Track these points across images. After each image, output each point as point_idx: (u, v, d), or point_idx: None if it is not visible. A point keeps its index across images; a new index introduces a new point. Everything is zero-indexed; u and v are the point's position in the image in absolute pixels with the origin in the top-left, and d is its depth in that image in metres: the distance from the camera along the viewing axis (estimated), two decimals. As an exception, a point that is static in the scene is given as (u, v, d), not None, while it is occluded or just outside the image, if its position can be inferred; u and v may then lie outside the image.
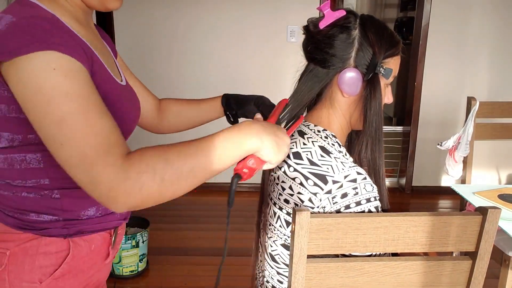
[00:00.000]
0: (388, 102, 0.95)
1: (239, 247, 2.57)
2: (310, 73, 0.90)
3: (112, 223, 0.83)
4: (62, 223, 0.75)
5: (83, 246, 0.78)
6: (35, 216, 0.73)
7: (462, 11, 3.11)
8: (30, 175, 0.72)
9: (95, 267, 0.82)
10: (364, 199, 0.84)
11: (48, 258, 0.74)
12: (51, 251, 0.75)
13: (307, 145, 0.89)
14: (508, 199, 1.41)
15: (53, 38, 0.62)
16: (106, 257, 0.84)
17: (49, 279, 0.75)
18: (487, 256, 0.81)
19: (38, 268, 0.74)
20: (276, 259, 0.96)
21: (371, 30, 0.87)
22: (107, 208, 0.63)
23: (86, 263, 0.79)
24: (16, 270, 0.73)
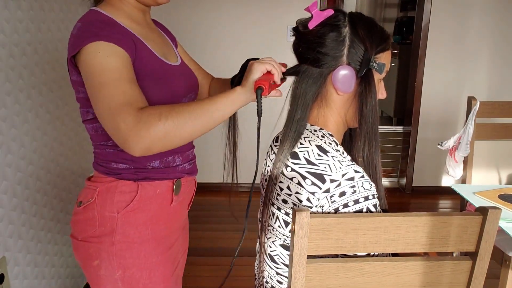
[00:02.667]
0: (381, 98, 0.95)
1: (240, 247, 2.57)
2: (304, 74, 0.90)
3: (174, 174, 1.04)
4: (133, 170, 0.99)
5: (149, 189, 1.00)
6: (114, 165, 0.99)
7: (462, 10, 3.11)
8: (109, 137, 0.95)
9: (162, 209, 1.03)
10: (362, 197, 0.83)
11: (123, 196, 0.98)
12: (125, 190, 0.98)
13: (304, 145, 0.89)
14: (508, 199, 1.40)
15: (102, 32, 0.86)
16: (171, 201, 1.05)
17: (124, 211, 0.98)
18: (488, 256, 0.81)
19: (116, 203, 0.98)
20: (275, 260, 0.96)
21: (361, 26, 0.87)
22: (128, 151, 0.80)
23: (153, 203, 1.01)
24: (101, 202, 0.98)
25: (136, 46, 0.92)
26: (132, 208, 0.98)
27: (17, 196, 1.53)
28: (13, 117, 1.51)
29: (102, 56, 0.84)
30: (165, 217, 1.04)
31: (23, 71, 1.58)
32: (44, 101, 1.72)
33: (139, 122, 0.77)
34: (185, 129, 0.80)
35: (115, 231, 0.97)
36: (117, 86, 0.82)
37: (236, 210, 3.08)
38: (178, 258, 1.15)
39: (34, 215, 1.64)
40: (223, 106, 0.84)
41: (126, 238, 0.98)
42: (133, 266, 0.99)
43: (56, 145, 1.81)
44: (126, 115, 0.78)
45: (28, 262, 1.61)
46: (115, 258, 0.98)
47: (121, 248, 0.98)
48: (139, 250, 0.99)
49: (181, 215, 1.12)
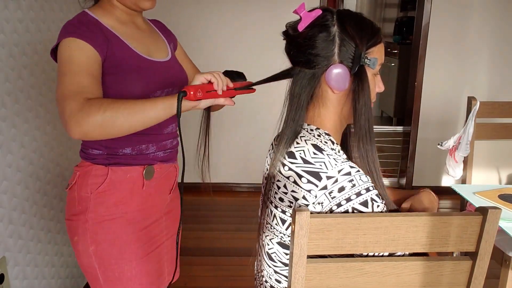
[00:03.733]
0: (379, 91, 0.96)
1: (239, 247, 2.57)
2: (297, 76, 0.91)
3: (144, 161, 1.13)
4: (105, 156, 1.10)
5: (119, 173, 1.10)
6: (91, 151, 1.11)
7: (462, 10, 3.11)
8: None
9: (133, 192, 1.12)
10: (363, 189, 0.83)
11: (96, 178, 1.09)
12: (98, 174, 1.09)
13: (300, 144, 0.90)
14: (508, 199, 1.40)
15: (78, 31, 0.99)
16: (142, 186, 1.13)
17: (95, 192, 1.09)
18: (488, 257, 0.81)
19: (90, 184, 1.09)
20: (273, 258, 0.96)
21: (349, 23, 0.87)
22: (68, 134, 0.89)
23: (123, 186, 1.11)
24: (80, 184, 1.11)
25: (111, 43, 1.03)
26: (103, 189, 1.09)
27: (17, 196, 1.53)
28: (13, 117, 1.51)
29: (70, 49, 0.96)
30: (137, 200, 1.13)
31: (23, 71, 1.58)
32: (44, 101, 1.72)
33: (81, 110, 0.87)
34: (120, 123, 0.89)
35: (88, 209, 1.08)
36: (74, 76, 0.93)
37: (235, 210, 3.08)
38: (160, 240, 1.21)
39: (34, 215, 1.64)
40: (160, 108, 0.91)
41: (97, 216, 1.09)
42: (104, 241, 1.09)
43: (56, 144, 1.81)
44: (72, 101, 0.88)
45: (28, 262, 1.61)
46: (88, 233, 1.08)
47: (93, 223, 1.08)
48: (108, 226, 1.09)
49: (160, 199, 1.19)
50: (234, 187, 3.34)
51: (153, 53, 1.13)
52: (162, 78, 1.12)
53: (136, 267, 1.12)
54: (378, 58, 0.90)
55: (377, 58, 0.89)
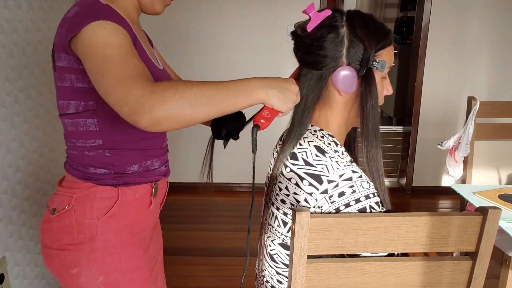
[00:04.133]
0: (388, 94, 0.94)
1: (239, 247, 2.57)
2: (305, 77, 0.90)
3: (152, 177, 1.03)
4: (113, 175, 0.96)
5: (129, 194, 0.98)
6: (93, 170, 0.95)
7: (462, 10, 3.11)
8: (88, 136, 0.93)
9: (141, 212, 1.02)
10: (363, 196, 0.83)
11: (103, 202, 0.95)
12: (105, 196, 0.95)
13: (303, 146, 0.89)
14: (508, 199, 1.40)
15: (106, 13, 0.84)
16: (149, 204, 1.04)
17: (104, 217, 0.95)
18: (488, 257, 0.81)
19: (96, 209, 0.95)
20: (274, 259, 0.96)
21: (358, 25, 0.86)
22: (135, 123, 0.74)
23: (133, 208, 0.99)
24: (80, 209, 0.95)
25: (135, 41, 0.90)
26: (112, 213, 0.96)
27: (17, 196, 1.53)
28: (13, 117, 1.51)
29: (107, 32, 0.81)
30: (142, 220, 1.04)
31: (23, 71, 1.58)
32: (44, 101, 1.72)
33: (154, 93, 0.72)
34: (198, 110, 0.76)
35: (95, 238, 0.95)
36: (125, 59, 0.78)
37: (235, 210, 3.08)
38: (155, 257, 1.15)
39: (34, 215, 1.64)
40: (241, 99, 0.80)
41: (107, 244, 0.96)
42: (115, 271, 0.98)
43: (56, 144, 1.81)
44: (139, 84, 0.74)
45: (28, 262, 1.61)
46: (96, 265, 0.96)
47: (102, 254, 0.96)
48: (120, 254, 0.98)
49: (155, 216, 1.12)
50: (234, 187, 3.34)
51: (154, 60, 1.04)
52: None
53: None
54: (387, 61, 0.88)
55: (386, 61, 0.88)
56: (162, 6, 1.02)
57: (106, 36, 0.80)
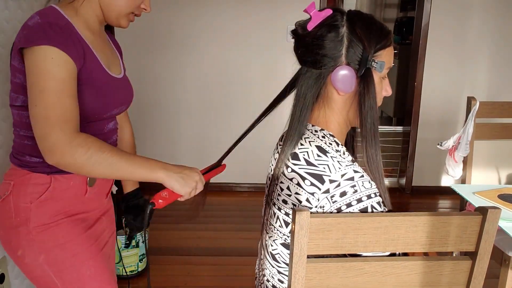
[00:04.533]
0: (386, 95, 0.94)
1: (239, 247, 2.57)
2: (304, 76, 0.90)
3: None
4: (46, 164, 0.99)
5: (62, 181, 1.05)
6: (29, 158, 1.03)
7: (462, 11, 3.11)
8: (31, 128, 0.95)
9: (77, 198, 1.08)
10: (364, 196, 0.84)
11: (36, 187, 1.03)
12: (39, 182, 1.03)
13: (304, 146, 0.89)
14: (508, 199, 1.41)
15: (58, 39, 0.90)
16: (85, 192, 1.09)
17: (36, 201, 1.03)
18: (487, 256, 0.81)
19: (29, 194, 1.03)
20: (276, 258, 0.96)
21: (358, 25, 0.87)
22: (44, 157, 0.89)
23: (67, 194, 1.06)
24: (16, 194, 1.03)
25: (85, 54, 0.97)
26: (45, 198, 1.03)
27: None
28: (13, 117, 1.51)
29: (53, 63, 0.89)
30: (79, 206, 1.09)
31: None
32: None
33: (69, 145, 0.87)
34: (101, 171, 0.91)
35: (29, 220, 1.02)
36: (59, 97, 0.89)
37: (235, 210, 3.08)
38: (105, 238, 1.18)
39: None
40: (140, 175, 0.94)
41: (41, 224, 1.03)
42: (55, 247, 1.04)
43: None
44: (60, 131, 0.87)
45: (28, 262, 1.61)
46: (34, 244, 1.03)
47: (37, 233, 1.02)
48: (55, 231, 1.04)
49: (99, 202, 1.16)
50: (234, 187, 3.34)
51: (111, 68, 1.09)
52: (120, 96, 1.11)
53: (93, 266, 1.09)
54: (386, 61, 0.89)
55: (385, 62, 0.88)
56: (126, 22, 1.07)
57: (50, 67, 0.89)
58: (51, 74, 0.89)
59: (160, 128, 3.25)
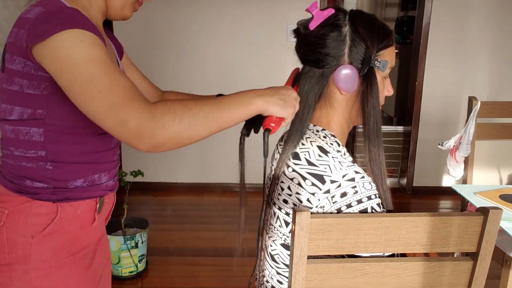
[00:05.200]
0: (388, 94, 0.95)
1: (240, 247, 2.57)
2: (307, 75, 0.90)
3: (98, 192, 0.94)
4: (52, 190, 0.87)
5: (69, 210, 0.89)
6: (29, 183, 0.86)
7: (462, 10, 3.10)
8: (30, 146, 0.85)
9: (82, 229, 0.94)
10: (365, 197, 0.83)
11: (39, 218, 0.87)
12: (42, 212, 0.87)
13: (305, 145, 0.89)
14: (509, 200, 1.40)
15: (78, 20, 0.76)
16: (93, 221, 0.95)
17: (39, 235, 0.87)
18: (489, 257, 0.80)
19: (30, 226, 0.86)
20: (275, 259, 0.96)
21: (361, 24, 0.87)
22: (135, 147, 0.76)
23: (73, 225, 0.91)
24: (12, 226, 0.86)
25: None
26: (49, 231, 0.88)
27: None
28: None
29: (85, 45, 0.75)
30: (84, 239, 0.96)
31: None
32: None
33: (154, 118, 0.74)
34: (198, 131, 0.78)
35: (29, 258, 0.87)
36: (111, 78, 0.75)
37: (236, 210, 3.07)
38: (100, 272, 1.05)
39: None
40: (238, 115, 0.81)
41: (42, 265, 0.88)
42: None
43: None
44: (136, 108, 0.74)
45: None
46: (31, 287, 0.88)
47: (36, 275, 0.88)
48: (57, 275, 0.90)
49: (100, 231, 1.03)
50: (234, 187, 3.34)
51: None
52: None
53: None
54: (388, 61, 0.89)
55: (387, 61, 0.88)
56: (131, 11, 0.96)
57: (84, 51, 0.75)
58: (89, 57, 0.75)
59: (160, 128, 3.25)
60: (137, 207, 2.92)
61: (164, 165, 3.29)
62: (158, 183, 3.27)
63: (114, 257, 2.14)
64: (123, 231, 2.17)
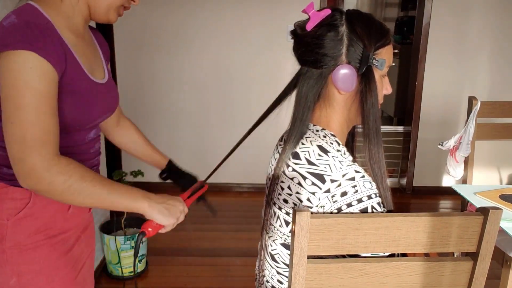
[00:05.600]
0: (387, 93, 0.95)
1: (239, 247, 2.57)
2: (305, 75, 0.90)
3: None
4: None
5: (42, 196, 0.92)
6: (6, 170, 0.92)
7: (463, 10, 3.10)
8: None
9: (59, 215, 0.99)
10: (365, 196, 0.83)
11: (14, 203, 0.93)
12: (16, 197, 0.93)
13: (305, 145, 0.89)
14: (509, 200, 1.40)
15: (38, 43, 0.80)
16: (68, 208, 1.00)
17: (14, 218, 0.93)
18: (489, 257, 0.80)
19: (5, 210, 0.93)
20: (276, 259, 0.96)
21: (358, 24, 0.87)
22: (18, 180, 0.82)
23: (48, 210, 0.96)
24: None
25: (66, 60, 0.88)
26: (24, 215, 0.93)
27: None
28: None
29: (31, 73, 0.79)
30: (60, 224, 1.00)
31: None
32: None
33: (47, 172, 0.80)
34: (79, 200, 0.85)
35: (5, 238, 0.93)
36: (38, 115, 0.80)
37: (235, 210, 3.08)
38: (82, 260, 1.09)
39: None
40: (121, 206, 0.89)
41: (17, 245, 0.94)
42: (28, 272, 0.95)
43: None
44: (38, 156, 0.80)
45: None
46: (8, 265, 0.94)
47: (12, 253, 0.94)
48: (32, 255, 0.95)
49: (80, 218, 1.07)
50: (234, 187, 3.33)
51: (94, 73, 0.98)
52: (104, 104, 1.01)
53: None
54: (386, 59, 0.89)
55: (385, 60, 0.88)
56: (116, 16, 0.98)
57: (29, 79, 0.79)
58: (30, 87, 0.79)
59: (159, 130, 3.25)
60: (137, 207, 2.91)
61: (164, 165, 3.28)
62: (158, 183, 3.27)
63: (114, 257, 2.14)
64: (124, 231, 2.17)
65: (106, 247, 2.14)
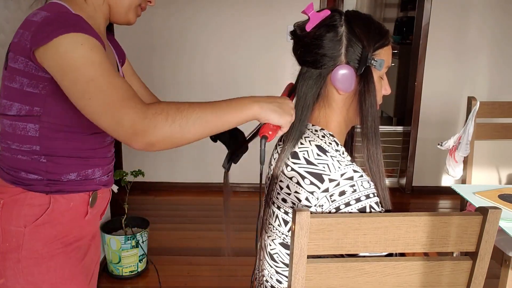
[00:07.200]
0: (385, 93, 0.95)
1: (239, 247, 2.57)
2: (304, 76, 0.91)
3: (91, 186, 0.97)
4: (45, 182, 0.91)
5: (62, 202, 0.92)
6: (24, 174, 0.90)
7: (462, 10, 3.11)
8: (25, 141, 0.89)
9: (75, 222, 0.96)
10: (363, 196, 0.84)
11: (32, 209, 0.90)
12: (35, 203, 0.90)
13: (304, 145, 0.90)
14: (508, 199, 1.40)
15: (80, 25, 0.80)
16: (85, 214, 0.98)
17: (32, 225, 0.90)
18: (488, 257, 0.81)
19: (23, 216, 0.90)
20: (274, 258, 0.96)
21: (357, 24, 0.87)
22: (129, 145, 0.78)
23: (66, 217, 0.94)
24: (6, 216, 0.89)
25: None
26: (42, 221, 0.91)
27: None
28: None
29: (85, 48, 0.78)
30: (76, 231, 0.98)
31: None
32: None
33: (146, 118, 0.76)
34: (190, 133, 0.80)
35: (21, 247, 0.89)
36: (109, 80, 0.78)
37: (235, 210, 3.08)
38: (92, 268, 1.08)
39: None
40: (233, 119, 0.82)
41: (34, 254, 0.91)
42: (43, 282, 0.92)
43: None
44: (131, 109, 0.76)
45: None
46: (22, 276, 0.90)
47: (28, 264, 0.90)
48: (48, 265, 0.92)
49: (93, 225, 1.05)
50: (234, 187, 3.34)
51: None
52: None
53: None
54: (385, 60, 0.89)
55: (384, 60, 0.89)
56: (135, 16, 0.98)
57: (84, 54, 0.78)
58: (90, 60, 0.78)
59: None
60: (137, 207, 2.92)
61: (165, 165, 3.29)
62: (158, 183, 3.27)
63: (115, 257, 2.14)
64: (124, 230, 2.17)
65: (106, 247, 2.14)
